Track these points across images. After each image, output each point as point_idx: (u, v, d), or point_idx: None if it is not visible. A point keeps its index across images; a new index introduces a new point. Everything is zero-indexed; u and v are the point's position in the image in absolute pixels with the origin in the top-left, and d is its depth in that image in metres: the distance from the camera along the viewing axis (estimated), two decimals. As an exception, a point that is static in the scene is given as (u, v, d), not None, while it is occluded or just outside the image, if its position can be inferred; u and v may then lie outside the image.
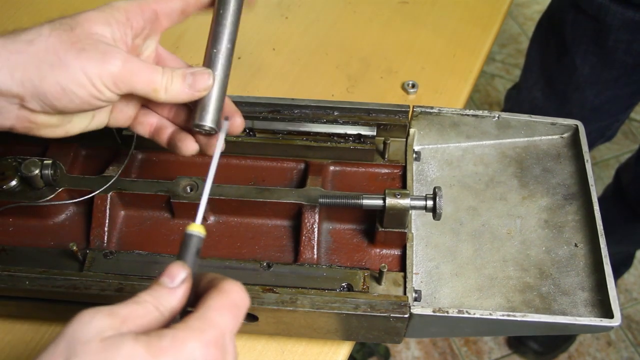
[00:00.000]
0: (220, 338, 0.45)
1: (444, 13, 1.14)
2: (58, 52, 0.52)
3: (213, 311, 0.45)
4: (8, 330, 0.76)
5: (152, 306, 0.45)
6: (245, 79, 1.04)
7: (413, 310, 0.65)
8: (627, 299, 2.10)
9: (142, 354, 0.41)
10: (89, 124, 0.61)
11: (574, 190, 0.81)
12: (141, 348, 0.41)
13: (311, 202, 0.74)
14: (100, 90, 0.54)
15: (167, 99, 0.57)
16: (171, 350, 0.42)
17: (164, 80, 0.56)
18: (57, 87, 0.52)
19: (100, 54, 0.53)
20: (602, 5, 1.19)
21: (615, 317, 0.67)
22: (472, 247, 0.77)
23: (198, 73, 0.58)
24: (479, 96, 2.56)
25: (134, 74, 0.54)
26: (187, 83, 0.57)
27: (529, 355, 1.97)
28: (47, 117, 0.56)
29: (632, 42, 1.21)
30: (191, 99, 0.58)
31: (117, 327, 0.42)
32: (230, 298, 0.47)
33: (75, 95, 0.53)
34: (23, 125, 0.56)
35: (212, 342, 0.44)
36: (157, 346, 0.41)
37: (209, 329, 0.44)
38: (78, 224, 0.76)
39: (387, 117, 0.80)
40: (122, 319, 0.43)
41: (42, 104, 0.54)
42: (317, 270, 0.71)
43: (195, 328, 0.44)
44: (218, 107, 0.60)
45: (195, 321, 0.44)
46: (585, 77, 1.32)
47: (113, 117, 0.62)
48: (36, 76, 0.52)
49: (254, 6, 0.61)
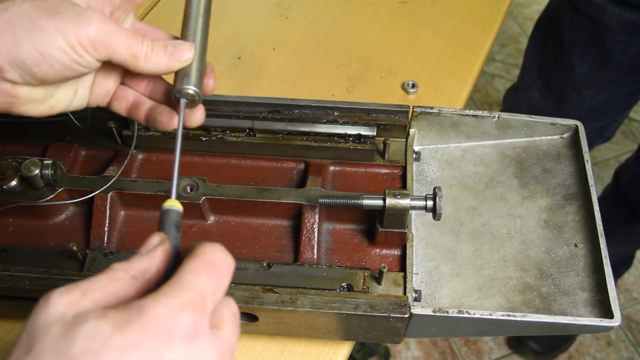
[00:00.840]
0: (199, 300, 0.40)
1: (444, 13, 1.14)
2: (32, 17, 0.51)
3: (186, 274, 0.41)
4: (8, 330, 0.76)
5: (121, 272, 0.42)
6: (245, 79, 1.04)
7: (413, 310, 0.65)
8: (627, 299, 2.10)
9: (107, 329, 0.37)
10: (72, 100, 0.60)
11: (574, 191, 0.81)
12: (105, 323, 0.37)
13: (311, 202, 0.74)
14: (79, 54, 0.52)
15: (146, 67, 0.56)
16: (139, 320, 0.37)
17: (143, 48, 0.55)
18: (34, 52, 0.51)
19: (76, 16, 0.52)
20: (599, 6, 1.19)
21: (615, 317, 0.67)
22: (472, 247, 0.77)
23: (179, 44, 0.57)
24: (479, 96, 2.56)
25: (112, 36, 0.53)
26: (168, 52, 0.56)
27: (529, 355, 1.97)
28: (30, 90, 0.55)
29: (629, 42, 1.21)
30: (171, 69, 0.57)
31: (74, 301, 0.39)
32: (205, 258, 0.43)
33: (55, 60, 0.52)
34: (4, 100, 0.54)
35: (186, 304, 0.39)
36: (124, 319, 0.37)
37: (182, 292, 0.39)
38: (78, 224, 0.76)
39: (387, 117, 0.80)
40: (81, 291, 0.40)
41: (21, 72, 0.52)
42: (317, 270, 0.71)
43: (165, 293, 0.39)
44: (199, 75, 0.59)
45: (166, 287, 0.40)
46: (582, 77, 1.32)
47: (93, 94, 0.61)
48: (12, 42, 0.51)
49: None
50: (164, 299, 0.39)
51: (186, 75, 0.57)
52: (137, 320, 0.37)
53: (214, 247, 0.44)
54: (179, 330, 0.38)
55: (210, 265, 0.42)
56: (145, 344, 0.37)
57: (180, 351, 0.38)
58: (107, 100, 0.62)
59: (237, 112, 0.80)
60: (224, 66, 1.05)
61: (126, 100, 0.62)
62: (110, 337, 0.36)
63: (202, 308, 0.40)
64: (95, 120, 0.80)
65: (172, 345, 0.38)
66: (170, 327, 0.38)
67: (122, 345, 0.36)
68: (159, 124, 0.61)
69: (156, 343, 0.37)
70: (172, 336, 0.38)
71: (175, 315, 0.38)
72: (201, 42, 0.59)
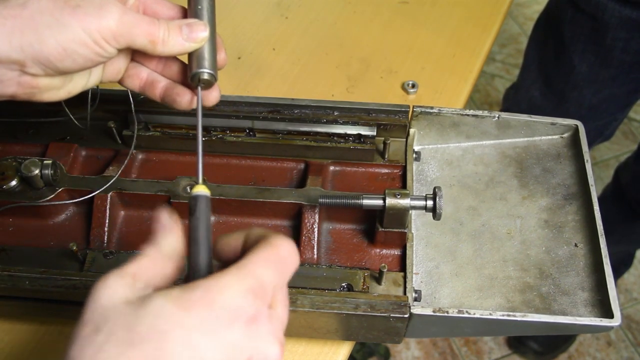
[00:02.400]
0: (261, 289, 0.42)
1: (444, 13, 1.14)
2: (53, 13, 0.51)
3: (255, 262, 0.43)
4: (8, 330, 0.76)
5: (156, 253, 0.44)
6: (245, 79, 1.04)
7: (413, 310, 0.65)
8: (627, 299, 2.10)
9: (172, 309, 0.39)
10: (87, 81, 0.60)
11: (574, 190, 0.81)
12: (170, 303, 0.39)
13: (311, 202, 0.74)
14: (102, 47, 0.53)
15: (164, 51, 0.56)
16: (203, 301, 0.39)
17: (160, 32, 0.55)
18: (58, 49, 0.52)
19: (96, 9, 0.52)
20: (599, 4, 1.19)
21: (615, 317, 0.67)
22: (472, 247, 0.77)
23: (193, 24, 0.57)
24: (479, 96, 2.56)
25: (132, 26, 0.53)
26: (184, 34, 0.57)
27: (529, 355, 1.97)
28: (49, 80, 0.56)
29: (629, 40, 1.21)
30: (187, 50, 0.58)
31: (131, 284, 0.41)
32: (278, 252, 0.44)
33: (78, 55, 0.53)
34: (25, 91, 0.55)
35: (251, 290, 0.41)
36: (188, 299, 0.39)
37: (247, 277, 0.41)
38: (78, 224, 0.76)
39: (387, 117, 0.80)
40: (131, 275, 0.42)
41: (44, 67, 0.53)
42: (317, 270, 0.71)
43: (232, 275, 0.41)
44: (213, 56, 0.59)
45: (233, 269, 0.42)
46: (583, 75, 1.32)
47: (105, 72, 0.61)
48: (35, 40, 0.51)
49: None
50: (231, 283, 0.40)
51: (201, 57, 0.58)
52: (202, 300, 0.39)
53: (288, 243, 0.45)
54: (242, 314, 0.40)
55: (280, 260, 0.44)
56: (209, 324, 0.39)
57: (241, 333, 0.40)
58: (120, 77, 0.62)
59: (237, 112, 0.80)
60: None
61: (139, 77, 0.63)
62: (176, 314, 0.38)
63: (264, 297, 0.42)
64: (95, 120, 0.80)
65: (234, 328, 0.40)
66: (234, 310, 0.40)
67: (186, 322, 0.38)
68: (177, 105, 0.61)
69: (219, 324, 0.39)
70: (235, 319, 0.40)
71: (240, 299, 0.40)
72: (211, 18, 0.59)
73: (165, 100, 0.63)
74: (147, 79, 0.63)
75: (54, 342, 0.75)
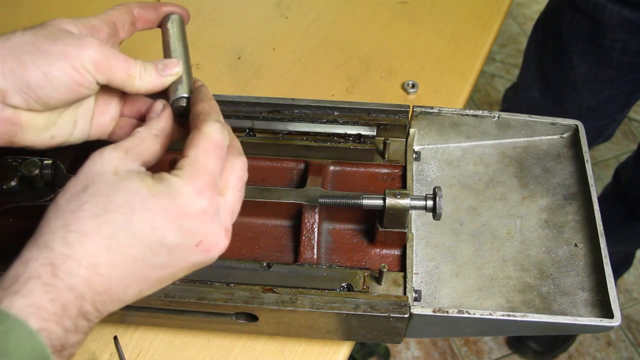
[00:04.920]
0: (212, 180, 0.51)
1: (444, 13, 1.14)
2: (35, 43, 0.54)
3: (201, 156, 0.51)
4: (8, 330, 0.76)
5: (146, 132, 0.55)
6: (245, 79, 1.04)
7: (413, 310, 0.65)
8: (627, 299, 2.10)
9: (144, 191, 0.48)
10: (72, 130, 0.61)
11: (574, 190, 0.81)
12: (144, 187, 0.49)
13: (311, 202, 0.74)
14: (82, 74, 0.55)
15: (142, 85, 0.59)
16: (169, 193, 0.49)
17: (137, 68, 0.58)
18: (39, 75, 0.53)
19: (76, 40, 0.55)
20: (598, 5, 1.19)
21: (615, 317, 0.67)
22: (472, 247, 0.77)
23: (167, 61, 0.61)
24: (479, 96, 2.56)
25: (110, 58, 0.56)
26: (159, 69, 0.60)
27: (529, 355, 1.97)
28: (32, 116, 0.56)
29: (628, 41, 1.21)
30: (163, 85, 0.61)
31: (122, 156, 0.51)
32: (213, 140, 0.53)
33: (58, 81, 0.54)
34: (6, 129, 0.56)
35: (205, 186, 0.50)
36: (158, 189, 0.49)
37: (200, 174, 0.50)
38: (78, 224, 0.76)
39: (387, 117, 0.80)
40: (124, 149, 0.51)
41: (25, 96, 0.54)
42: (317, 270, 0.71)
43: (187, 174, 0.50)
44: (189, 82, 0.63)
45: (187, 167, 0.51)
46: (582, 76, 1.32)
47: (94, 125, 0.63)
48: (17, 66, 0.53)
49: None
50: (189, 180, 0.50)
51: (179, 84, 0.61)
52: (167, 192, 0.49)
53: (217, 128, 0.54)
54: (197, 207, 0.50)
55: (217, 147, 0.53)
56: (170, 211, 0.49)
57: (195, 222, 0.49)
58: (110, 130, 0.64)
59: (237, 112, 0.80)
60: (224, 66, 1.05)
61: (131, 127, 0.64)
62: (146, 198, 0.48)
63: (213, 186, 0.51)
64: (95, 120, 0.80)
65: (192, 217, 0.49)
66: (191, 204, 0.49)
67: (153, 207, 0.48)
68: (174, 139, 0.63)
69: (179, 213, 0.49)
70: (192, 211, 0.49)
71: (195, 196, 0.49)
72: (185, 58, 0.63)
73: None
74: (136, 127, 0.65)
75: (54, 342, 0.75)
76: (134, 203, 0.48)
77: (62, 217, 0.47)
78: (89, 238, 0.46)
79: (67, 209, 0.48)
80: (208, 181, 0.51)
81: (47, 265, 0.45)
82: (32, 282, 0.44)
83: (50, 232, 0.47)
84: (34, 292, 0.44)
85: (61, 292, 0.45)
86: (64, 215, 0.47)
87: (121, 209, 0.48)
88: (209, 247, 0.51)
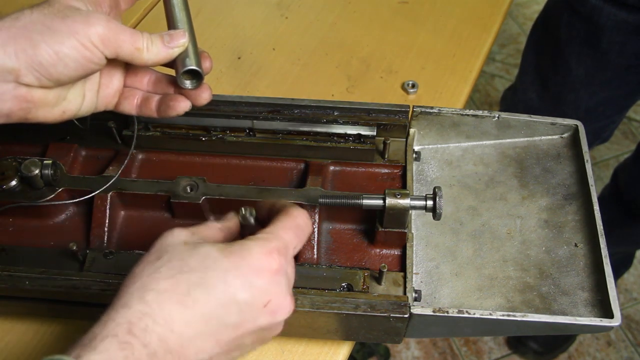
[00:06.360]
0: (284, 248, 0.54)
1: (444, 13, 1.14)
2: (44, 22, 0.55)
3: (279, 228, 0.55)
4: (8, 330, 0.76)
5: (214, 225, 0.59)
6: (245, 79, 1.04)
7: (413, 310, 0.65)
8: (627, 299, 2.10)
9: (216, 254, 0.52)
10: (81, 104, 0.63)
11: (574, 190, 0.81)
12: (216, 250, 0.52)
13: (311, 202, 0.74)
14: (91, 50, 0.56)
15: (149, 58, 0.60)
16: (239, 252, 0.52)
17: (144, 40, 0.59)
18: (50, 53, 0.55)
19: (84, 17, 0.56)
20: (595, 7, 1.19)
21: (615, 317, 0.67)
22: (472, 247, 0.77)
23: (173, 32, 0.62)
24: (479, 96, 2.57)
25: (118, 32, 0.57)
26: (165, 41, 0.61)
27: (529, 355, 1.97)
28: (44, 93, 0.58)
29: (625, 43, 1.21)
30: (171, 56, 0.62)
31: (189, 234, 0.55)
32: (296, 221, 0.57)
33: (69, 59, 0.56)
34: (21, 106, 0.58)
35: (275, 249, 0.53)
36: (228, 249, 0.52)
37: (274, 239, 0.54)
38: (78, 224, 0.76)
39: (387, 117, 0.80)
40: (192, 231, 0.56)
41: (38, 74, 0.56)
42: (317, 270, 0.71)
43: (261, 238, 0.54)
44: (197, 56, 0.63)
45: (262, 234, 0.55)
46: (579, 78, 1.32)
47: (100, 97, 0.65)
48: (29, 46, 0.54)
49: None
50: (260, 242, 0.53)
51: (186, 57, 0.62)
52: (239, 252, 0.52)
53: (303, 212, 0.58)
54: (266, 265, 0.52)
55: (298, 227, 0.57)
56: (240, 268, 0.51)
57: (265, 281, 0.52)
58: (115, 101, 0.66)
59: (237, 112, 0.80)
60: (224, 66, 1.05)
61: (134, 98, 0.66)
62: (219, 258, 0.51)
63: (285, 254, 0.54)
64: (95, 120, 0.80)
65: (261, 275, 0.52)
66: (263, 262, 0.52)
67: (224, 265, 0.51)
68: (174, 110, 0.65)
69: (249, 269, 0.51)
70: (263, 269, 0.52)
71: (266, 256, 0.52)
72: (190, 29, 0.64)
73: (162, 111, 0.66)
74: (141, 98, 0.67)
75: (54, 342, 0.75)
76: (207, 263, 0.51)
77: (139, 281, 0.50)
78: (165, 295, 0.49)
79: (144, 274, 0.50)
80: (279, 246, 0.53)
81: (125, 324, 0.47)
82: (108, 340, 0.46)
83: (129, 294, 0.49)
84: (109, 350, 0.45)
85: (135, 350, 0.46)
86: (141, 279, 0.50)
87: (195, 269, 0.50)
88: (275, 309, 0.52)
